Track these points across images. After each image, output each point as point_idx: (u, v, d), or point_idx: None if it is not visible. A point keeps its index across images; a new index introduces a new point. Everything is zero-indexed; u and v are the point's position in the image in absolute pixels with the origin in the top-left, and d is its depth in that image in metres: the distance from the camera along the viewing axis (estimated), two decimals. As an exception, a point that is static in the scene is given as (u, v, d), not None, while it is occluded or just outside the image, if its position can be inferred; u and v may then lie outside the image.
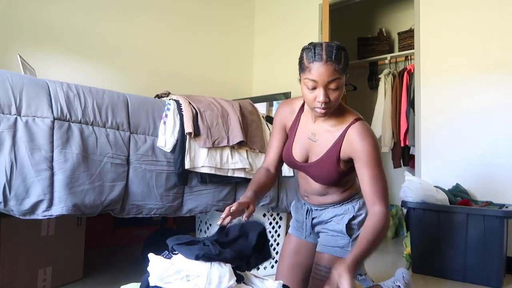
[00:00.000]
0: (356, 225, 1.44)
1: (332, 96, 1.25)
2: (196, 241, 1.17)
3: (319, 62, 1.21)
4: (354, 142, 1.31)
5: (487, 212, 2.15)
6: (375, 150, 1.30)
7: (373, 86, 3.97)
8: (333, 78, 1.22)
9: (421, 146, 2.88)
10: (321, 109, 1.26)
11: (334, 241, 1.46)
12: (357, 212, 1.45)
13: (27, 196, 1.36)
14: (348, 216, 1.44)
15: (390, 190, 4.14)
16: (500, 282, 2.12)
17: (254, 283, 1.17)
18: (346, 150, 1.33)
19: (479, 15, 2.66)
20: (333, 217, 1.47)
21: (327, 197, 1.48)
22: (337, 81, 1.23)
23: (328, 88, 1.23)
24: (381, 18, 4.23)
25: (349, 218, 1.43)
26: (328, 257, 1.44)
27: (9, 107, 1.36)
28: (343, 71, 1.24)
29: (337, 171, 1.36)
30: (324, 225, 1.50)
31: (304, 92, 1.28)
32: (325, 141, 1.37)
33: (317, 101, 1.25)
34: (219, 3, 3.77)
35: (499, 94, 2.55)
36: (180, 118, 1.80)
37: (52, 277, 1.88)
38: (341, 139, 1.34)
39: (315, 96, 1.25)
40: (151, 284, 1.09)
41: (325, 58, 1.21)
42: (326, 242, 1.48)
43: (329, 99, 1.24)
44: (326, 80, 1.22)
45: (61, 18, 2.66)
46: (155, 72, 3.19)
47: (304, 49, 1.28)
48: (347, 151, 1.33)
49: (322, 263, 1.45)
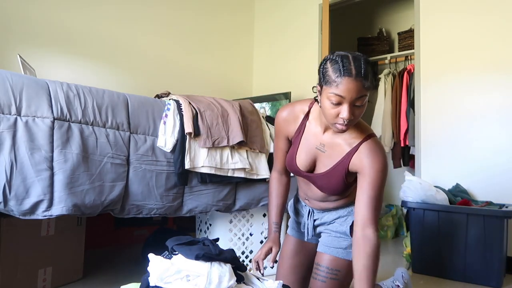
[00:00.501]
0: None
1: (356, 113, 1.19)
2: (196, 241, 1.17)
3: (349, 77, 1.13)
4: (364, 159, 1.27)
5: (487, 212, 2.15)
6: (383, 171, 1.27)
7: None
8: (361, 95, 1.15)
9: (421, 146, 2.88)
10: (343, 126, 1.20)
11: (337, 242, 1.45)
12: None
13: (27, 196, 1.36)
14: (352, 217, 1.43)
15: (390, 190, 4.16)
16: (500, 282, 2.12)
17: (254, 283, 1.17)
18: (355, 164, 1.30)
19: (479, 15, 2.66)
20: (336, 218, 1.47)
21: (330, 203, 1.47)
22: (364, 98, 1.16)
23: (354, 105, 1.17)
24: (381, 18, 4.23)
25: (353, 219, 1.41)
26: (330, 258, 1.44)
27: (9, 107, 1.36)
28: (371, 87, 1.17)
29: (344, 184, 1.35)
30: (326, 226, 1.50)
31: (326, 106, 1.20)
32: (335, 154, 1.33)
33: (340, 117, 1.18)
34: (220, 3, 3.77)
35: (499, 94, 2.55)
36: (180, 118, 1.80)
37: (52, 277, 1.87)
38: (351, 154, 1.30)
39: (338, 112, 1.18)
40: (151, 284, 1.09)
41: (354, 73, 1.13)
42: (328, 243, 1.47)
43: (353, 116, 1.18)
44: (354, 97, 1.14)
45: (61, 18, 2.66)
46: (155, 72, 3.19)
47: (328, 60, 1.20)
48: (355, 165, 1.30)
49: (323, 264, 1.44)
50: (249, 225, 2.13)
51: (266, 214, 2.18)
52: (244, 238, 2.11)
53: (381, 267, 1.78)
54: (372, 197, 1.26)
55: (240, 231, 2.10)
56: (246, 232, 2.12)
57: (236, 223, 2.09)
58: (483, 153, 2.58)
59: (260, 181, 2.01)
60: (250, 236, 2.13)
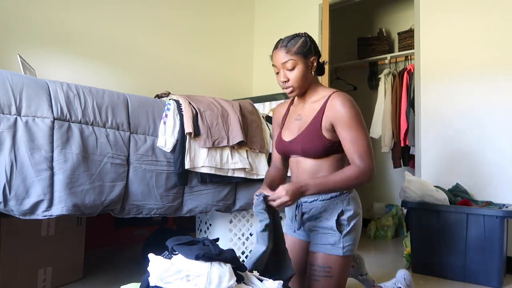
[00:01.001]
0: (345, 220, 1.46)
1: (291, 76, 1.43)
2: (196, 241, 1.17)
3: (274, 50, 1.47)
4: (334, 108, 1.41)
5: (487, 212, 2.15)
6: (355, 113, 1.39)
7: (373, 86, 3.97)
8: (285, 60, 1.42)
9: (421, 146, 2.88)
10: (286, 89, 1.46)
11: (325, 238, 1.48)
12: (346, 207, 1.47)
13: (27, 196, 1.36)
14: (337, 211, 1.46)
15: (390, 190, 4.16)
16: (500, 282, 2.12)
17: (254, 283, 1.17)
18: (328, 116, 1.42)
19: (479, 15, 2.66)
20: (322, 212, 1.49)
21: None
22: (291, 62, 1.42)
23: (284, 70, 1.43)
24: (381, 18, 4.23)
25: (338, 213, 1.46)
26: (322, 256, 1.47)
27: (9, 107, 1.36)
28: (298, 53, 1.42)
29: (321, 139, 1.43)
30: (314, 221, 1.52)
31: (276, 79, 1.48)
32: (308, 115, 1.48)
33: (280, 82, 1.46)
34: (220, 3, 3.77)
35: (499, 93, 2.55)
36: (180, 118, 1.80)
37: (52, 277, 1.88)
38: (323, 108, 1.44)
39: (279, 80, 1.46)
40: (151, 284, 1.09)
41: (279, 45, 1.45)
42: (317, 240, 1.50)
43: (287, 78, 1.43)
44: (280, 62, 1.43)
45: (61, 18, 2.66)
46: (155, 72, 3.19)
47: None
48: (329, 117, 1.42)
49: (316, 263, 1.47)
50: (249, 225, 2.13)
51: (266, 214, 2.19)
52: (244, 238, 2.11)
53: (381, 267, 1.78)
54: (353, 137, 1.38)
55: (240, 231, 2.10)
56: (246, 232, 2.12)
57: (236, 223, 2.09)
58: (483, 153, 2.59)
59: (260, 181, 2.01)
60: (250, 236, 2.13)
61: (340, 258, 1.44)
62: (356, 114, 1.39)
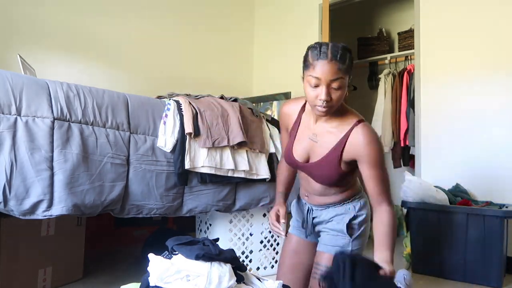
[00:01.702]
0: (356, 225, 1.44)
1: (334, 95, 1.26)
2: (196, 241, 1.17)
3: (324, 60, 1.22)
4: (358, 145, 1.30)
5: (487, 212, 2.15)
6: (380, 152, 1.31)
7: (373, 86, 3.96)
8: (336, 77, 1.23)
9: (421, 146, 2.88)
10: (322, 108, 1.26)
11: (334, 240, 1.46)
12: (358, 212, 1.45)
13: (27, 196, 1.36)
14: (349, 216, 1.44)
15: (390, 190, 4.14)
16: (500, 282, 2.12)
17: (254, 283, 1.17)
18: (350, 152, 1.32)
19: (479, 15, 2.66)
20: (334, 216, 1.47)
21: (328, 198, 1.48)
22: (340, 80, 1.24)
23: (330, 87, 1.24)
24: (381, 18, 4.23)
25: (350, 218, 1.43)
26: (329, 257, 1.43)
27: (9, 107, 1.36)
28: (347, 72, 1.26)
29: (338, 173, 1.36)
30: (325, 224, 1.50)
31: (306, 90, 1.28)
32: (327, 142, 1.37)
33: (319, 99, 1.25)
34: (219, 4, 3.77)
35: (499, 94, 2.55)
36: (180, 118, 1.80)
37: (52, 277, 1.88)
38: (343, 141, 1.33)
39: (317, 94, 1.25)
40: (151, 284, 1.09)
41: (330, 56, 1.23)
42: (326, 241, 1.48)
43: (330, 98, 1.25)
44: (329, 78, 1.23)
45: (61, 18, 2.66)
46: (155, 72, 3.19)
47: (309, 48, 1.29)
48: (350, 153, 1.32)
49: (322, 263, 1.45)
50: (249, 225, 2.13)
51: (266, 214, 2.18)
52: (244, 238, 2.11)
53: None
54: (378, 177, 1.31)
55: (240, 231, 2.10)
56: (246, 232, 2.12)
57: (236, 223, 2.09)
58: (483, 153, 2.58)
59: (260, 181, 2.01)
60: (250, 236, 2.13)
61: None
62: (381, 153, 1.32)
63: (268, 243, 2.18)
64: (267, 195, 2.05)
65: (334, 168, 1.35)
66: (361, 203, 1.47)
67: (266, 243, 2.18)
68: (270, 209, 2.10)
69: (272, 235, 2.20)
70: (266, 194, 2.04)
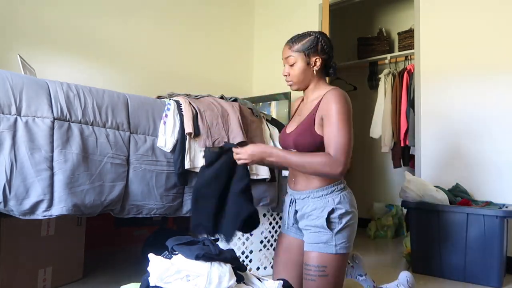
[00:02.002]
0: (336, 218, 1.46)
1: (291, 71, 1.54)
2: (196, 241, 1.17)
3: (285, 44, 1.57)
4: (326, 102, 1.45)
5: (487, 212, 2.15)
6: (344, 109, 1.41)
7: (373, 86, 3.96)
8: (287, 55, 1.54)
9: (421, 146, 2.88)
10: (287, 82, 1.58)
11: (317, 237, 1.48)
12: (337, 205, 1.47)
13: (27, 196, 1.36)
14: (328, 208, 1.46)
15: (390, 190, 4.15)
16: (500, 282, 2.12)
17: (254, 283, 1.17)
18: (320, 111, 1.46)
19: (479, 15, 2.66)
20: (313, 210, 1.49)
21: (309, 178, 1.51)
22: (290, 58, 1.53)
23: (287, 64, 1.55)
24: (381, 18, 4.23)
25: (328, 211, 1.45)
26: (316, 255, 1.47)
27: (9, 107, 1.36)
28: (298, 51, 1.52)
29: (313, 135, 1.46)
30: (306, 220, 1.52)
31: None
32: (306, 111, 1.55)
33: (283, 75, 1.58)
34: (219, 4, 3.77)
35: (500, 93, 2.55)
36: (180, 118, 1.80)
37: (52, 277, 1.88)
38: (318, 104, 1.49)
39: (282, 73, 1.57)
40: (151, 284, 1.09)
41: (287, 41, 1.57)
42: (310, 240, 1.50)
43: (288, 73, 1.56)
44: (283, 56, 1.57)
45: (61, 18, 2.66)
46: (155, 72, 3.19)
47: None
48: (321, 112, 1.46)
49: (311, 263, 1.47)
50: (249, 225, 2.13)
51: (266, 214, 2.19)
52: (244, 238, 2.11)
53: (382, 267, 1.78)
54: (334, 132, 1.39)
55: (240, 231, 2.10)
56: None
57: (236, 223, 2.09)
58: (483, 153, 2.58)
59: (260, 181, 2.01)
60: (250, 236, 2.13)
61: (334, 257, 1.44)
62: (344, 111, 1.41)
63: (268, 243, 2.18)
64: (267, 195, 2.05)
65: (309, 131, 1.48)
66: (341, 197, 1.49)
67: (266, 243, 2.18)
68: (270, 209, 2.12)
69: (272, 235, 2.20)
70: (266, 194, 2.04)
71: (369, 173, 4.05)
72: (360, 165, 4.04)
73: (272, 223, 2.20)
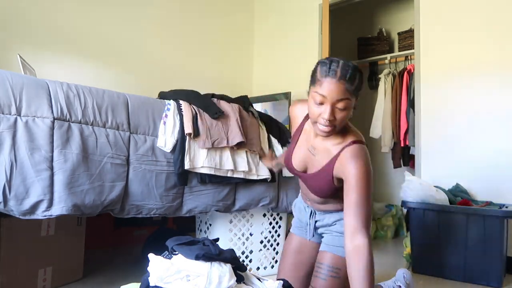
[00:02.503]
0: None
1: (338, 116, 1.22)
2: (196, 241, 1.17)
3: (332, 78, 1.18)
4: (344, 163, 1.28)
5: (487, 212, 2.15)
6: (364, 173, 1.24)
7: (373, 86, 3.97)
8: (342, 98, 1.19)
9: (421, 146, 2.88)
10: (324, 127, 1.24)
11: (338, 241, 1.46)
12: None
13: (27, 196, 1.36)
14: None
15: (390, 190, 4.15)
16: (500, 282, 2.12)
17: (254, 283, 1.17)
18: (338, 169, 1.31)
19: (479, 14, 2.66)
20: (337, 221, 1.48)
21: (328, 205, 1.48)
22: (346, 101, 1.20)
23: (335, 107, 1.21)
24: (381, 18, 4.23)
25: None
26: (331, 256, 1.45)
27: (9, 107, 1.36)
28: (355, 93, 1.22)
29: (332, 187, 1.36)
30: (328, 227, 1.52)
31: (310, 106, 1.25)
32: (322, 158, 1.36)
33: (322, 118, 1.22)
34: (219, 3, 3.77)
35: (499, 94, 2.55)
36: (180, 119, 1.80)
37: (52, 277, 1.88)
38: (335, 158, 1.32)
39: (320, 112, 1.22)
40: (151, 284, 1.09)
41: (339, 75, 1.18)
42: (330, 242, 1.48)
43: (334, 117, 1.22)
44: (336, 98, 1.19)
45: (61, 18, 2.66)
46: (155, 72, 3.19)
47: (319, 63, 1.25)
48: (338, 170, 1.31)
49: (325, 262, 1.45)
50: (249, 225, 2.13)
51: (266, 214, 2.19)
52: (244, 238, 2.11)
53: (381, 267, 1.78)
54: (357, 203, 1.22)
55: (240, 231, 2.10)
56: (246, 232, 2.12)
57: (236, 223, 2.09)
58: (483, 153, 2.58)
59: (259, 182, 2.01)
60: (250, 236, 2.13)
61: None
62: (364, 174, 1.24)
63: (268, 243, 2.18)
64: (267, 195, 2.05)
65: (328, 183, 1.35)
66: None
67: (266, 243, 2.18)
68: (270, 209, 2.12)
69: (272, 235, 2.20)
70: (266, 194, 2.04)
71: (369, 173, 4.04)
72: (360, 165, 4.03)
73: (272, 223, 2.20)
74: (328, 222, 1.50)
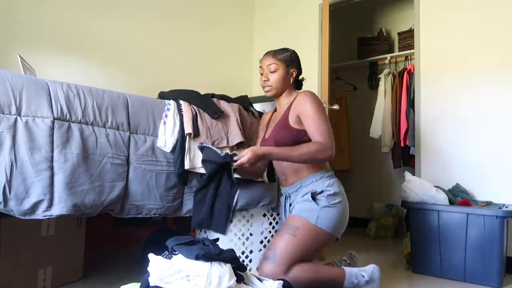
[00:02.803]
0: (324, 197, 1.60)
1: (271, 77, 1.72)
2: (196, 241, 1.17)
3: (264, 55, 1.78)
4: (299, 102, 1.65)
5: (487, 212, 2.15)
6: (317, 106, 1.60)
7: (373, 86, 3.96)
8: (270, 63, 1.73)
9: (421, 146, 2.88)
10: (264, 87, 1.75)
11: (302, 205, 1.62)
12: (326, 187, 1.62)
13: (27, 196, 1.36)
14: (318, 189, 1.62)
15: (390, 190, 4.16)
16: (500, 282, 2.12)
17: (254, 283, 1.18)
18: (294, 110, 1.66)
19: (479, 14, 2.66)
20: (305, 194, 1.64)
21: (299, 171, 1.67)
22: (274, 65, 1.72)
23: (268, 71, 1.72)
24: (381, 18, 4.23)
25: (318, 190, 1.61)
26: (294, 217, 1.63)
27: (9, 107, 1.36)
28: (282, 61, 1.73)
29: (289, 130, 1.65)
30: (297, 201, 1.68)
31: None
32: (281, 113, 1.74)
33: (261, 81, 1.75)
34: (219, 3, 3.77)
35: (499, 93, 2.55)
36: (180, 119, 1.80)
37: (52, 277, 1.88)
38: (290, 105, 1.70)
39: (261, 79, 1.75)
40: (151, 284, 1.09)
41: (267, 53, 1.77)
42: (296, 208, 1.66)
43: (268, 78, 1.73)
44: (265, 64, 1.74)
45: (61, 18, 2.66)
46: (156, 72, 3.19)
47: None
48: (295, 111, 1.66)
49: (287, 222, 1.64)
50: (249, 225, 2.13)
51: (266, 214, 2.18)
52: (244, 238, 2.11)
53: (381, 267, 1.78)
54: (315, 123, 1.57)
55: (240, 231, 2.10)
56: (246, 232, 2.12)
57: (236, 223, 2.09)
58: (483, 153, 2.58)
59: (259, 182, 2.01)
60: (250, 236, 2.13)
61: (310, 225, 1.56)
62: (318, 105, 1.62)
63: (268, 243, 2.18)
64: (267, 195, 2.05)
65: (286, 127, 1.66)
66: (330, 182, 1.65)
67: (266, 243, 2.18)
68: (270, 209, 2.12)
69: (272, 235, 2.20)
70: (266, 195, 2.04)
71: (369, 173, 4.04)
72: (360, 165, 4.04)
73: (272, 223, 2.20)
74: (299, 197, 1.66)
